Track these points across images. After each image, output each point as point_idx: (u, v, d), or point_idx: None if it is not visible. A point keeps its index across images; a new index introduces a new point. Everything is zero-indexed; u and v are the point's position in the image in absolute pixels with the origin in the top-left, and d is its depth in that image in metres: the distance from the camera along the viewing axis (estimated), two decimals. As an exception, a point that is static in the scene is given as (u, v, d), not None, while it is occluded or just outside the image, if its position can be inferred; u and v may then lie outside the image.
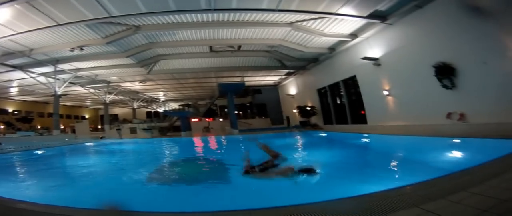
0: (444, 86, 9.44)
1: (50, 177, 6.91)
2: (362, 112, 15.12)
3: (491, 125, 7.69)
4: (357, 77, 15.13)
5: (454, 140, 7.52)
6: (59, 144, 15.13)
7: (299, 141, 14.12)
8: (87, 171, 7.83)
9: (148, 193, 5.27)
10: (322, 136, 15.50)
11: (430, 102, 10.32)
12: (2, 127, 24.52)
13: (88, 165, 9.07)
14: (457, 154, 6.81)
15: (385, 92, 12.88)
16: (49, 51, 13.60)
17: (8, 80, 18.77)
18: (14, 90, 23.35)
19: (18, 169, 8.52)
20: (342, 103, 17.50)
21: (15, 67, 15.48)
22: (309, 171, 5.30)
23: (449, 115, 9.47)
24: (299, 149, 11.21)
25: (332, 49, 15.88)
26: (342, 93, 17.41)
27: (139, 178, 6.63)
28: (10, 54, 13.41)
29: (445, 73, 9.27)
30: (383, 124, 13.13)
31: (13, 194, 4.50)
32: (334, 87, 18.19)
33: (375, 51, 13.04)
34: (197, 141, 16.82)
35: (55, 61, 15.30)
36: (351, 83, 16.12)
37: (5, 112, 27.27)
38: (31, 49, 13.24)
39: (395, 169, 6.44)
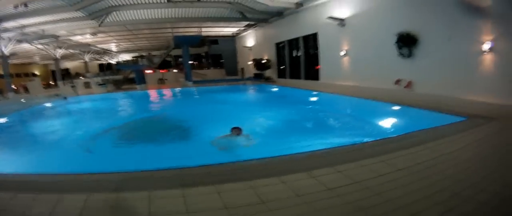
0: (401, 54, 9.78)
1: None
2: (316, 67, 15.94)
3: (433, 96, 8.30)
4: (319, 35, 15.47)
5: (393, 107, 8.17)
6: (19, 108, 14.49)
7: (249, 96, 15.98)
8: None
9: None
10: (273, 91, 17.24)
11: (383, 67, 10.82)
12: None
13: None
14: (392, 121, 7.69)
15: (343, 52, 13.36)
16: (-10, 9, 12.63)
17: None
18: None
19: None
20: (298, 58, 18.18)
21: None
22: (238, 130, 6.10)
23: (397, 81, 10.10)
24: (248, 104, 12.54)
25: (300, 4, 15.81)
26: (300, 48, 17.81)
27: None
28: None
29: (406, 42, 9.45)
30: (334, 83, 13.93)
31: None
32: (293, 42, 18.59)
33: (343, 11, 12.98)
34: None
35: (-3, 20, 14.16)
36: (311, 40, 16.47)
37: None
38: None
39: (329, 131, 7.30)
